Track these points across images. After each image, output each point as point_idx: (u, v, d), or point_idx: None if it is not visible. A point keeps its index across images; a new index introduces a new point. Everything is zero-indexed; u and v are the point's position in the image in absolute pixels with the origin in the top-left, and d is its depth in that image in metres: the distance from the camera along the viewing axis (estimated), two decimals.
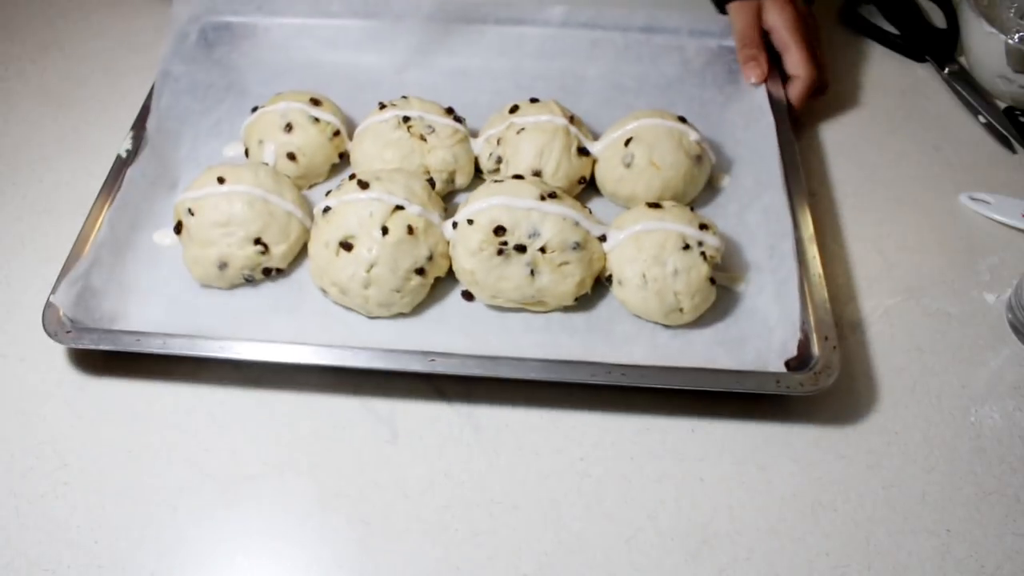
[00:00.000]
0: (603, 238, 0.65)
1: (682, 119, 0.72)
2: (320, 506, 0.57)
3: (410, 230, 0.63)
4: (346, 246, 0.63)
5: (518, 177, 0.67)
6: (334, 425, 0.60)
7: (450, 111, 0.74)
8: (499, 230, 0.62)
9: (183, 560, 0.54)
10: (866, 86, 0.84)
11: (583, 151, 0.72)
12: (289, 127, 0.72)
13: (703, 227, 0.64)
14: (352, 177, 0.66)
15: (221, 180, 0.66)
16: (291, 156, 0.72)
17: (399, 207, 0.64)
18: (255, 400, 0.61)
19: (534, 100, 0.74)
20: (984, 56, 0.81)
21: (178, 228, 0.67)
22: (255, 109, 0.75)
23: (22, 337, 0.64)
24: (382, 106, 0.73)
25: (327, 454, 0.59)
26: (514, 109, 0.73)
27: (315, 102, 0.74)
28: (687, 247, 0.63)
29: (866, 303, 0.67)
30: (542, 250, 0.63)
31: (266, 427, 0.60)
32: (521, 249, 0.63)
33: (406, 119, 0.71)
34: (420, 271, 0.63)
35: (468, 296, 0.66)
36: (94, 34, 0.89)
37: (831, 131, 0.80)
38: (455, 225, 0.65)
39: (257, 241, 0.65)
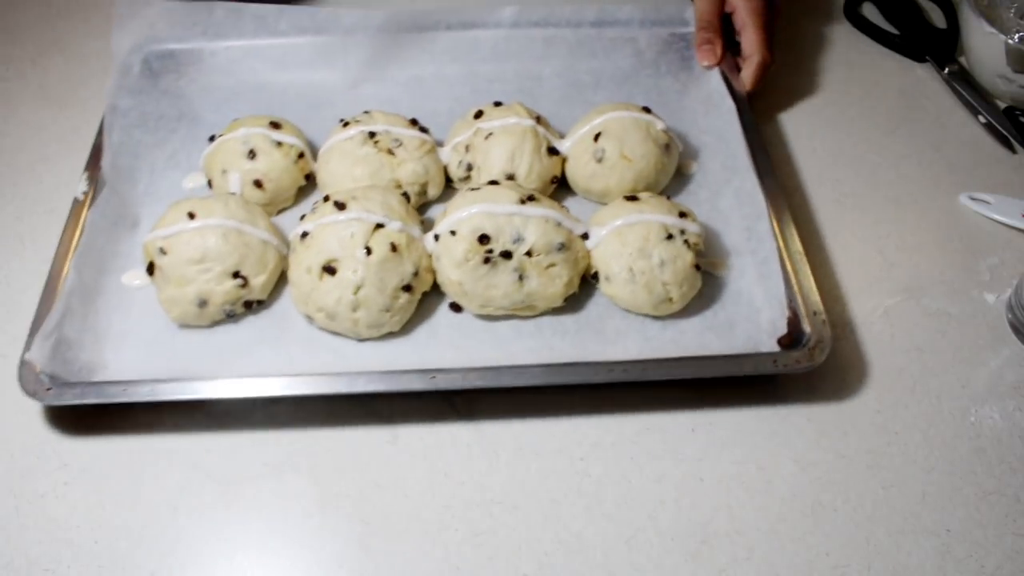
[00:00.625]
0: (585, 236, 0.65)
1: (647, 109, 0.72)
2: (320, 506, 0.57)
3: (393, 247, 0.62)
4: (330, 270, 0.62)
5: (493, 183, 0.66)
6: (334, 425, 0.60)
7: (414, 122, 0.73)
8: (483, 238, 0.62)
9: (183, 560, 0.54)
10: (866, 86, 0.84)
11: (553, 150, 0.71)
12: (252, 153, 0.70)
13: (682, 215, 0.65)
14: (327, 199, 0.65)
15: (191, 215, 0.64)
16: (257, 183, 0.70)
17: (379, 225, 0.63)
18: (256, 404, 0.61)
19: (497, 104, 0.73)
20: (984, 56, 0.81)
21: (150, 269, 0.64)
22: (213, 138, 0.73)
23: (22, 337, 0.64)
24: (345, 123, 0.72)
25: (327, 454, 0.59)
26: (479, 114, 0.72)
27: (275, 125, 0.72)
28: (670, 236, 0.63)
29: (866, 303, 0.67)
30: (528, 254, 0.62)
31: (266, 428, 0.60)
32: (507, 255, 0.62)
33: (372, 134, 0.70)
34: (407, 288, 0.62)
35: (456, 308, 0.65)
36: (94, 34, 0.89)
37: (831, 131, 0.80)
38: (436, 238, 0.64)
39: (236, 274, 0.63)
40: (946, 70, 0.84)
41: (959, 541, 0.55)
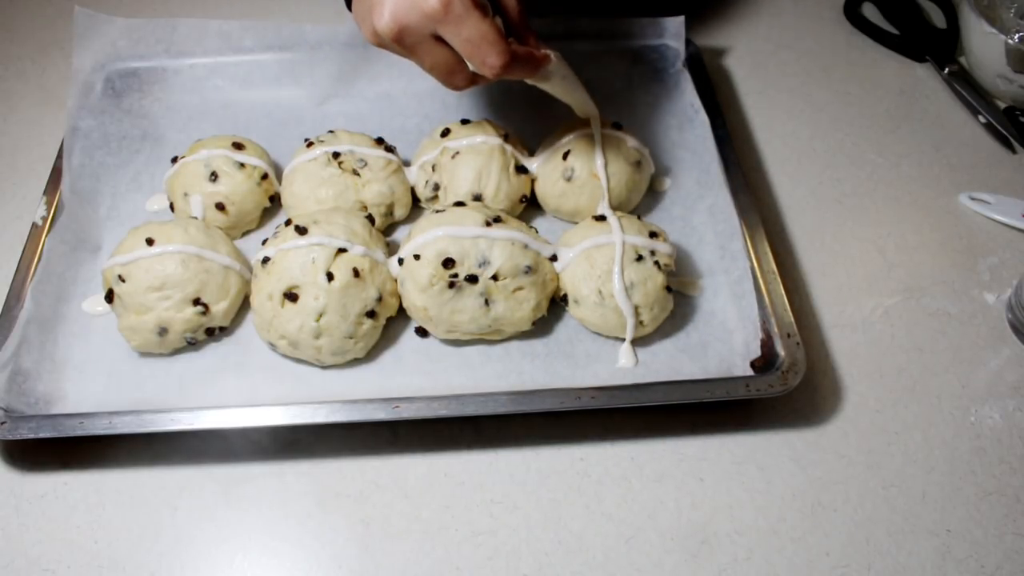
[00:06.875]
0: (554, 257, 0.63)
1: (618, 125, 0.71)
2: (320, 506, 0.57)
3: (356, 273, 0.60)
4: (291, 296, 0.60)
5: (459, 204, 0.64)
6: (333, 425, 0.60)
7: (380, 141, 0.71)
8: (448, 262, 0.60)
9: (183, 560, 0.54)
10: (866, 86, 0.84)
11: (521, 169, 0.69)
12: (214, 176, 0.68)
13: (653, 235, 0.63)
14: (288, 223, 0.64)
15: (150, 241, 0.62)
16: (219, 206, 0.68)
17: (342, 250, 0.61)
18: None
19: (465, 121, 0.71)
20: (984, 56, 0.81)
21: (109, 296, 0.63)
22: (175, 160, 0.71)
23: None
24: (309, 143, 0.70)
25: (327, 454, 0.59)
26: (446, 132, 0.70)
27: (238, 146, 0.70)
28: (640, 258, 0.62)
29: (866, 303, 0.67)
30: (494, 278, 0.61)
31: (265, 428, 0.60)
32: (472, 280, 0.60)
33: (336, 155, 0.68)
34: (371, 314, 0.61)
35: (422, 332, 0.64)
36: None
37: (831, 131, 0.80)
38: (401, 262, 0.62)
39: (196, 301, 0.61)
40: (946, 70, 0.84)
41: (959, 541, 0.55)
